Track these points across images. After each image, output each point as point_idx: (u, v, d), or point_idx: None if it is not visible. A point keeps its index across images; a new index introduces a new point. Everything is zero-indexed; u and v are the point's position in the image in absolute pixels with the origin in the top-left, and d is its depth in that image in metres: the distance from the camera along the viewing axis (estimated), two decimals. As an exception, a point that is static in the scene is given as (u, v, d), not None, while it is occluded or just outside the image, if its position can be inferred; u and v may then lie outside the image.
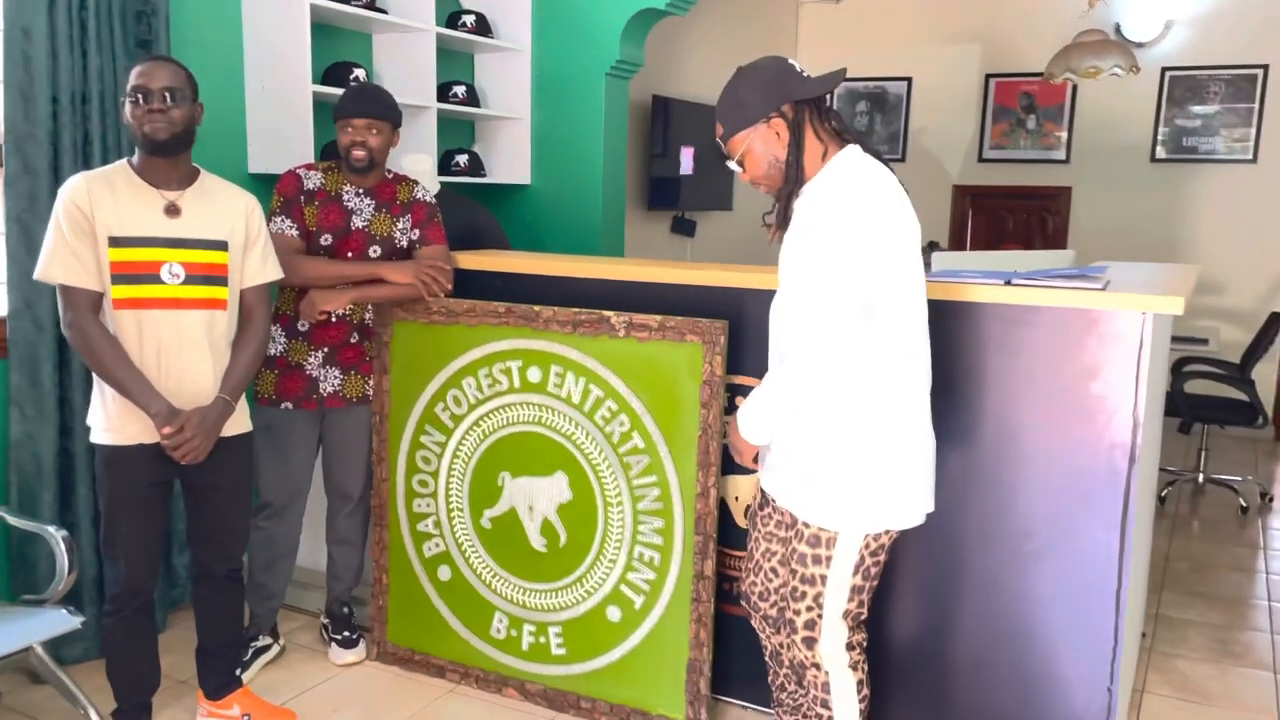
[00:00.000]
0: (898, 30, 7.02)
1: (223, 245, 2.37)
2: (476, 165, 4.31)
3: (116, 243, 2.25)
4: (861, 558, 2.08)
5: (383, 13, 3.75)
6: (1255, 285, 6.23)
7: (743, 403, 2.14)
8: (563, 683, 2.81)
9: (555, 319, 2.70)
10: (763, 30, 6.82)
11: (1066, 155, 6.68)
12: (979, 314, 2.40)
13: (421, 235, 2.94)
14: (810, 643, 2.14)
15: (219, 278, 2.37)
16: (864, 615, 2.17)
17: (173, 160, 2.31)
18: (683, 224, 5.96)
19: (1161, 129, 6.41)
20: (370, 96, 2.85)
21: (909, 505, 2.09)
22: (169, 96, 2.24)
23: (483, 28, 4.25)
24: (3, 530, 2.86)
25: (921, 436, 2.09)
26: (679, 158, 5.73)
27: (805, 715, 2.28)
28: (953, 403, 2.41)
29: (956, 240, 7.00)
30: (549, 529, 2.79)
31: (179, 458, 2.29)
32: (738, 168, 2.12)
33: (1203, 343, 5.71)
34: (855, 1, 7.11)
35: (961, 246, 6.94)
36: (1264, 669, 3.21)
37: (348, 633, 3.08)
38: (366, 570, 3.13)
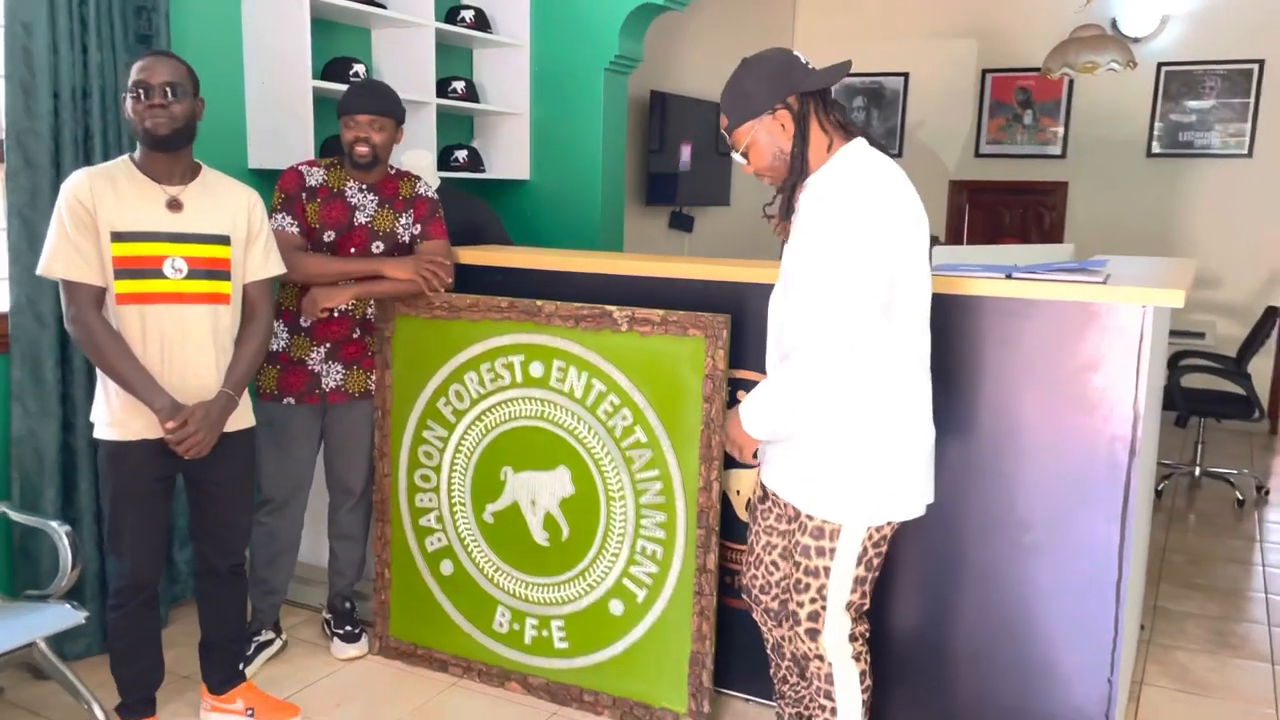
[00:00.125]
0: (894, 25, 7.03)
1: (225, 240, 2.37)
2: (475, 161, 4.32)
3: (119, 238, 2.25)
4: (864, 549, 2.10)
5: (382, 8, 3.75)
6: (1251, 279, 6.25)
7: (745, 397, 2.14)
8: (565, 676, 2.81)
9: (558, 314, 2.70)
10: (760, 25, 6.82)
11: (1063, 150, 6.69)
12: (980, 307, 2.41)
13: (423, 230, 2.94)
14: (814, 634, 2.15)
15: (221, 272, 2.37)
16: (866, 606, 2.19)
17: (174, 155, 2.31)
18: (681, 219, 5.96)
19: (1157, 124, 6.43)
20: (375, 92, 2.85)
21: (911, 497, 2.10)
22: (170, 92, 2.24)
23: (482, 23, 4.25)
24: (5, 526, 2.86)
25: (923, 428, 2.10)
26: (677, 153, 5.73)
27: (808, 707, 2.30)
28: (954, 396, 2.42)
29: (953, 235, 7.01)
30: (551, 523, 2.80)
31: (182, 452, 2.29)
32: (742, 159, 2.11)
33: (1199, 337, 5.72)
34: (852, -3, 7.13)
35: (958, 241, 6.95)
36: (1261, 660, 3.23)
37: (350, 627, 3.09)
38: (368, 565, 3.13)
